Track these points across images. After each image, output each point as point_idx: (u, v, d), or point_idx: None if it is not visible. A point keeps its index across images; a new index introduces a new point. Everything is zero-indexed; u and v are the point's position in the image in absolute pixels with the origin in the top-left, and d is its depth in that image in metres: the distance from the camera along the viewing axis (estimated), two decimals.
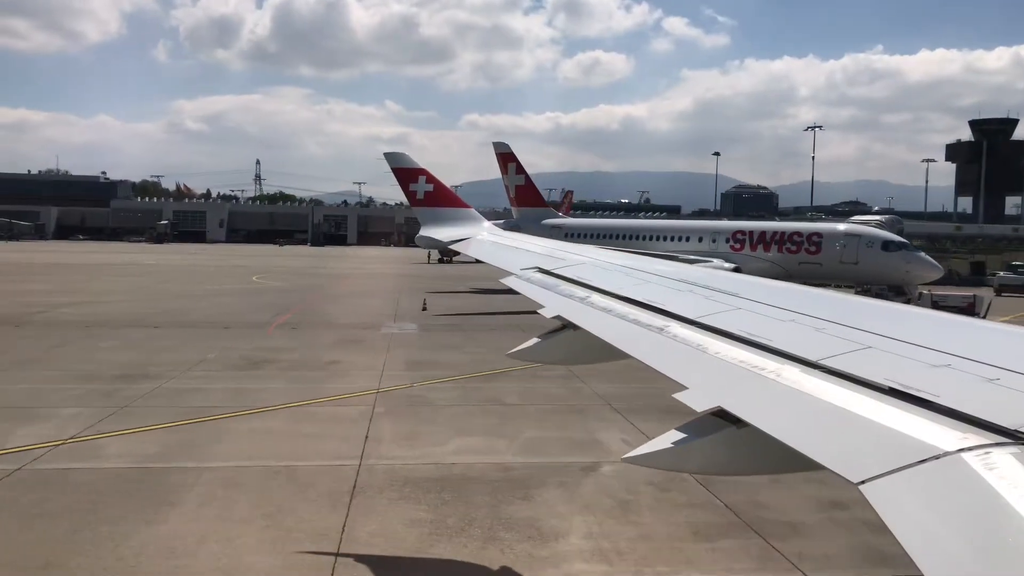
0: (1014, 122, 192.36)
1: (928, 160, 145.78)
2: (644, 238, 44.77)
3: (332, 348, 23.32)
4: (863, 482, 2.29)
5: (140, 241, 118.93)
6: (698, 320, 4.41)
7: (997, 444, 2.28)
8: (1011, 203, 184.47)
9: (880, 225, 43.89)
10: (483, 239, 9.73)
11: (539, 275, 6.91)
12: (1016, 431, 2.32)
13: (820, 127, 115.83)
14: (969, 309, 32.82)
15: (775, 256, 39.06)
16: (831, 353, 3.39)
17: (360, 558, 8.66)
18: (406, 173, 12.60)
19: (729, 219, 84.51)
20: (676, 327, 4.41)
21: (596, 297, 5.65)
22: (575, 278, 6.40)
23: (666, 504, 10.73)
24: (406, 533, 9.42)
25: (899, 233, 43.16)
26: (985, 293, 40.88)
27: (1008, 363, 2.93)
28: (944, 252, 75.01)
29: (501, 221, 58.20)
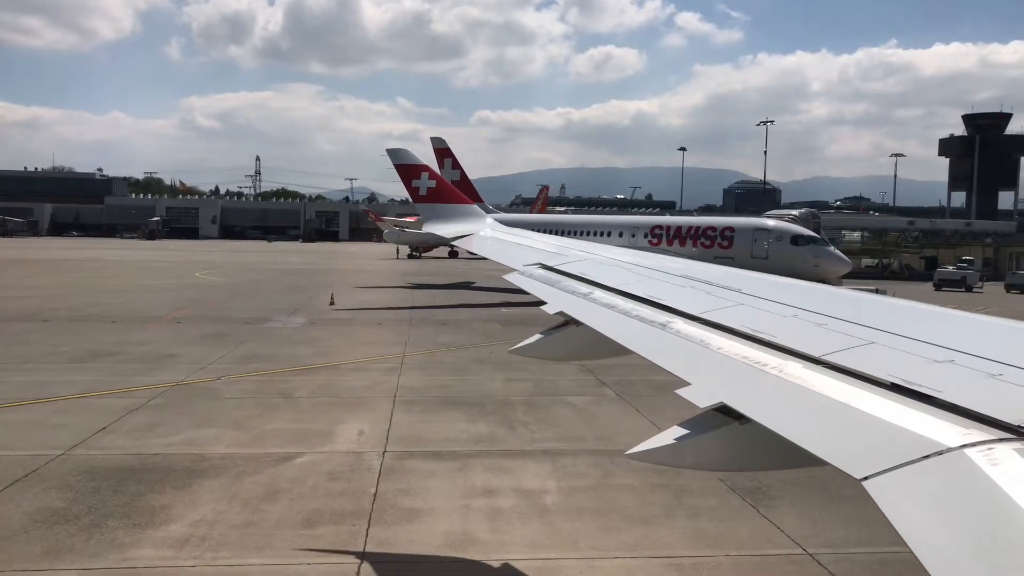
0: (1007, 116, 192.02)
1: (896, 155, 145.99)
2: (568, 234, 45.19)
3: (190, 342, 23.24)
4: (866, 478, 2.28)
5: (133, 237, 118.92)
6: (701, 316, 4.40)
7: (1000, 440, 2.28)
8: (1009, 198, 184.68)
9: (795, 220, 43.92)
10: (485, 235, 9.72)
11: (542, 271, 6.91)
12: (1019, 427, 2.31)
13: (772, 121, 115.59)
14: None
15: (690, 251, 39.25)
16: (834, 349, 3.39)
17: None
18: (409, 169, 12.62)
19: (678, 214, 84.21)
20: (679, 323, 4.41)
21: (599, 293, 5.65)
22: (578, 274, 6.40)
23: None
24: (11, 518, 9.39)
25: (815, 228, 43.21)
26: (907, 286, 41.32)
27: (1011, 359, 2.92)
28: (893, 247, 74.93)
29: None
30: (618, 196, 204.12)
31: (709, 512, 10.24)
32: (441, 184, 12.03)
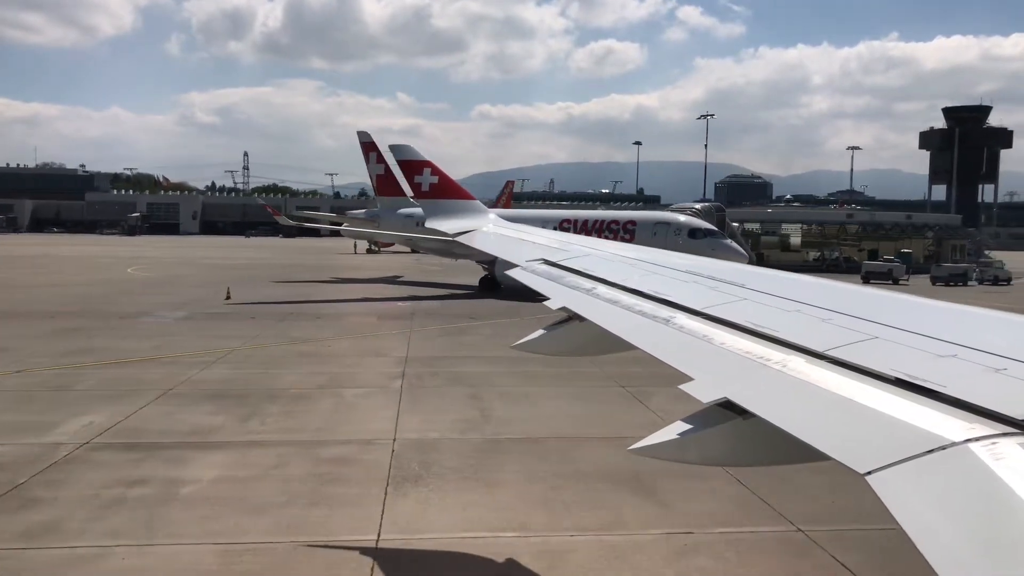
0: (987, 109, 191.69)
1: (853, 148, 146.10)
2: None
3: (35, 336, 23.41)
4: (869, 473, 2.28)
5: (113, 234, 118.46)
6: (704, 311, 4.40)
7: (1004, 434, 2.27)
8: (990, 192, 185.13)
9: (697, 213, 44.01)
10: (488, 231, 9.72)
11: (544, 267, 6.90)
12: (1023, 421, 2.31)
13: (712, 115, 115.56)
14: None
15: None
16: (837, 344, 3.38)
17: None
18: (411, 165, 12.61)
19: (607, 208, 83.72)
20: (682, 318, 4.41)
21: (602, 288, 5.65)
22: (581, 269, 6.39)
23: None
24: None
25: (719, 221, 43.27)
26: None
27: (1015, 353, 2.92)
28: (833, 240, 74.72)
29: (363, 211, 57.98)
30: (603, 191, 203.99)
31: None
32: (444, 180, 11.99)
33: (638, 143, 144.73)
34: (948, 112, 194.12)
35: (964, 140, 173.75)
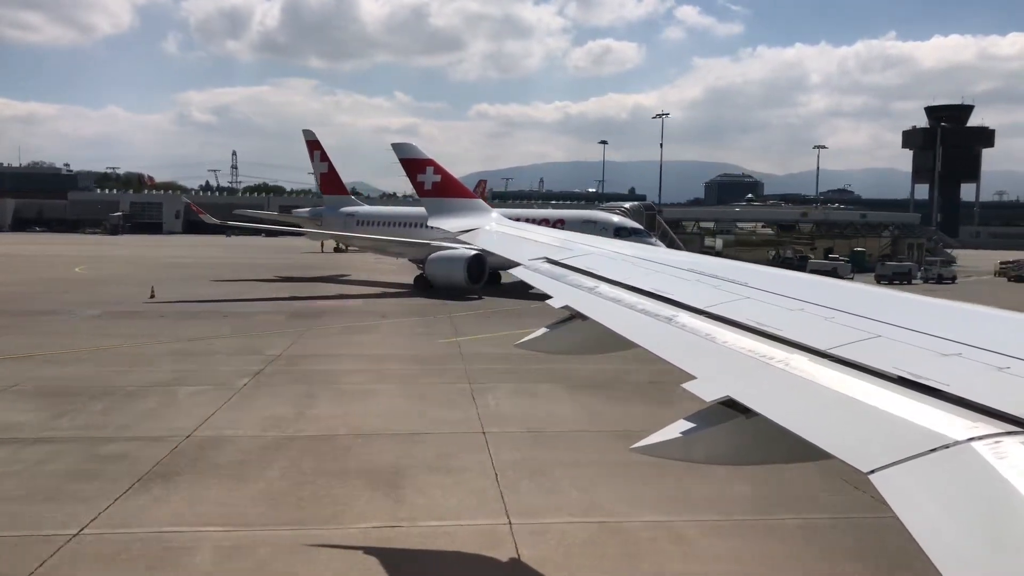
0: (969, 109, 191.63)
1: (819, 147, 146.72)
2: (410, 225, 45.19)
3: None
4: (873, 471, 2.28)
5: (96, 232, 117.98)
6: (706, 310, 4.40)
7: (1007, 433, 2.27)
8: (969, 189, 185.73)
9: (626, 212, 43.85)
10: (491, 230, 9.72)
11: (547, 265, 6.90)
12: None
13: (667, 114, 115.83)
14: None
15: None
16: (840, 342, 3.38)
17: None
18: (414, 164, 12.60)
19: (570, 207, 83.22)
20: (684, 317, 4.41)
21: (604, 287, 5.65)
22: (583, 268, 6.39)
23: None
24: None
25: (650, 220, 43.26)
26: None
27: (1019, 352, 2.92)
28: (787, 238, 74.76)
29: (306, 209, 57.67)
30: (589, 190, 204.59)
31: None
32: (446, 179, 11.96)
33: (604, 142, 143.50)
34: (930, 111, 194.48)
35: (946, 139, 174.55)
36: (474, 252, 36.66)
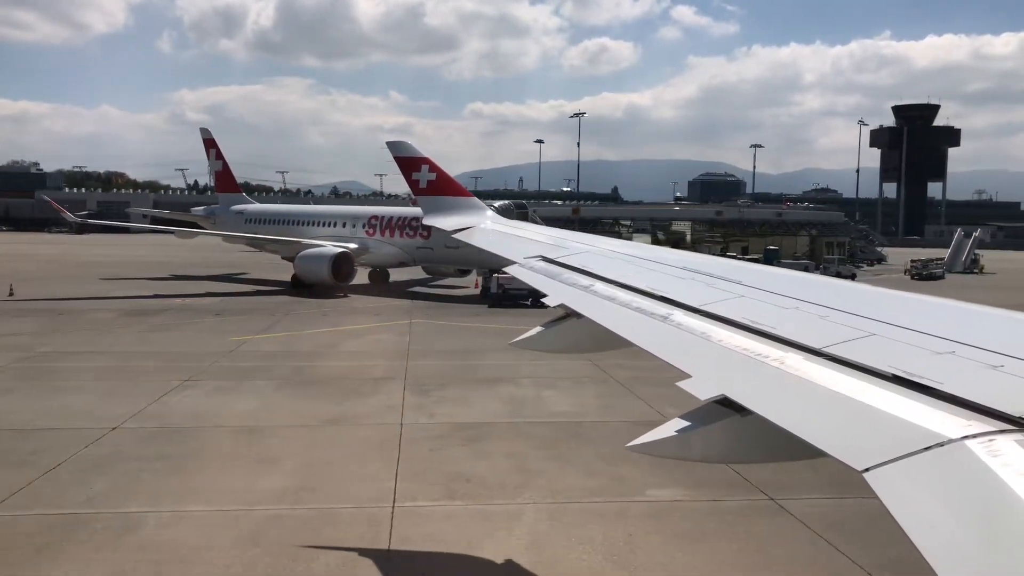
0: (935, 108, 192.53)
1: (755, 146, 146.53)
2: (299, 223, 45.33)
3: None
4: (867, 470, 2.29)
5: (63, 231, 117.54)
6: (702, 308, 4.40)
7: (1001, 431, 2.28)
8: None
9: (496, 211, 43.51)
10: (486, 228, 9.72)
11: (543, 264, 6.90)
12: (1020, 418, 2.32)
13: (584, 113, 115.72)
14: (535, 291, 33.50)
15: (398, 241, 39.79)
16: (835, 341, 3.39)
17: None
18: (409, 162, 12.56)
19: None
20: (680, 315, 4.41)
21: (600, 285, 5.65)
22: (579, 266, 6.39)
23: None
24: None
25: (520, 218, 43.13)
26: None
27: (1012, 350, 2.93)
28: (700, 237, 75.18)
29: (202, 208, 57.35)
30: (564, 189, 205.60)
31: None
32: (442, 177, 11.94)
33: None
34: (897, 110, 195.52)
35: (913, 138, 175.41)
36: (340, 250, 36.92)
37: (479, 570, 8.63)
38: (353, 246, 38.90)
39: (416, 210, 44.73)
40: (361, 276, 41.41)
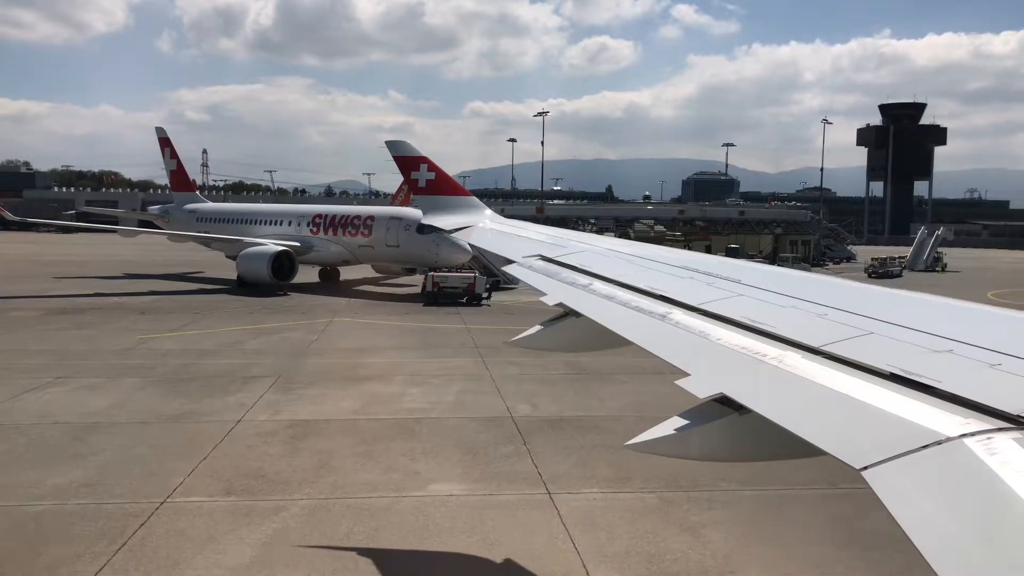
0: (922, 107, 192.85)
1: (727, 144, 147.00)
2: (248, 222, 45.52)
3: None
4: (865, 468, 2.29)
5: (51, 231, 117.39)
6: (700, 307, 4.40)
7: (999, 429, 2.28)
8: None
9: None
10: (485, 227, 9.71)
11: (541, 263, 6.90)
12: (1018, 416, 2.32)
13: (547, 112, 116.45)
14: (469, 290, 33.53)
15: (341, 239, 39.97)
16: (833, 339, 3.39)
17: None
18: (407, 161, 12.55)
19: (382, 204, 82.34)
20: (678, 314, 4.41)
21: (598, 284, 5.65)
22: (577, 265, 6.39)
23: None
24: None
25: None
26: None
27: (1010, 348, 2.93)
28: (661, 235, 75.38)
29: (158, 206, 57.43)
30: (555, 188, 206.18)
31: None
32: (440, 176, 11.92)
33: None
34: (884, 109, 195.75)
35: (899, 137, 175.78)
36: (280, 249, 37.01)
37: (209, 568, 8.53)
38: (296, 244, 39.05)
39: (358, 208, 44.93)
40: (312, 275, 41.55)
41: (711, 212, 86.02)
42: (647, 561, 8.82)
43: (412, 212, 40.83)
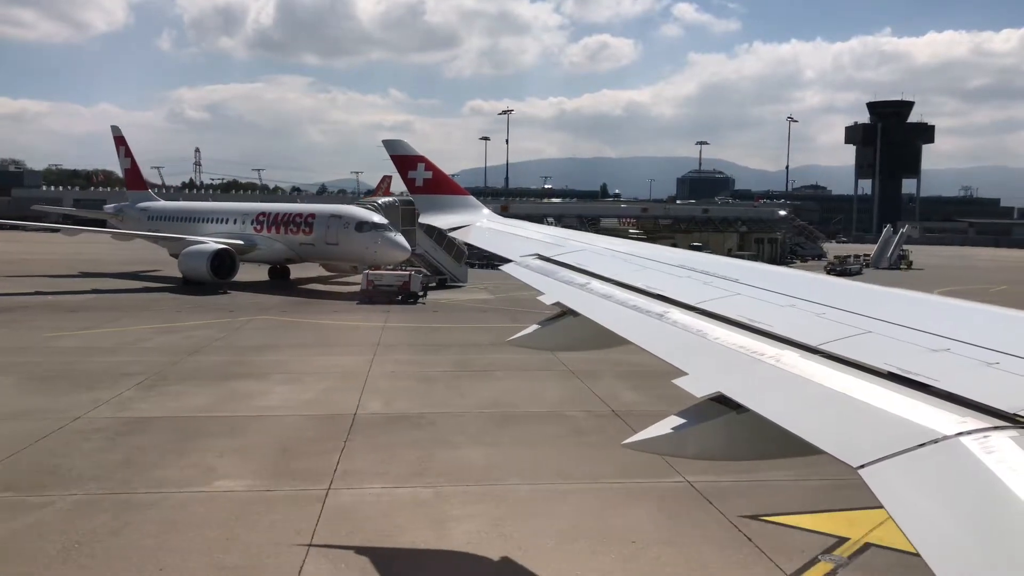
0: (909, 105, 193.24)
1: (701, 142, 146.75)
2: (195, 220, 45.64)
3: None
4: (862, 466, 2.29)
5: (39, 231, 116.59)
6: (697, 306, 4.40)
7: (996, 428, 2.28)
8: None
9: (378, 208, 42.82)
10: (482, 226, 9.70)
11: (538, 262, 6.89)
12: (1015, 415, 2.32)
13: (511, 111, 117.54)
14: (404, 288, 33.50)
15: (283, 237, 40.02)
16: (830, 338, 3.39)
17: None
18: (405, 160, 12.54)
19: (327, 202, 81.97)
20: (676, 313, 4.41)
21: (596, 283, 5.65)
22: (575, 264, 6.39)
23: None
24: None
25: (409, 214, 42.04)
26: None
27: (1007, 347, 2.93)
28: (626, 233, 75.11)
29: (112, 205, 57.31)
30: (545, 187, 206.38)
31: None
32: (438, 175, 11.90)
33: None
34: (872, 107, 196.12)
35: (886, 135, 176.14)
36: (220, 247, 36.87)
37: None
38: (239, 243, 39.00)
39: (300, 207, 44.88)
40: (262, 273, 41.40)
41: (675, 210, 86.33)
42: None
43: (352, 210, 40.68)
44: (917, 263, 70.63)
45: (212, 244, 37.47)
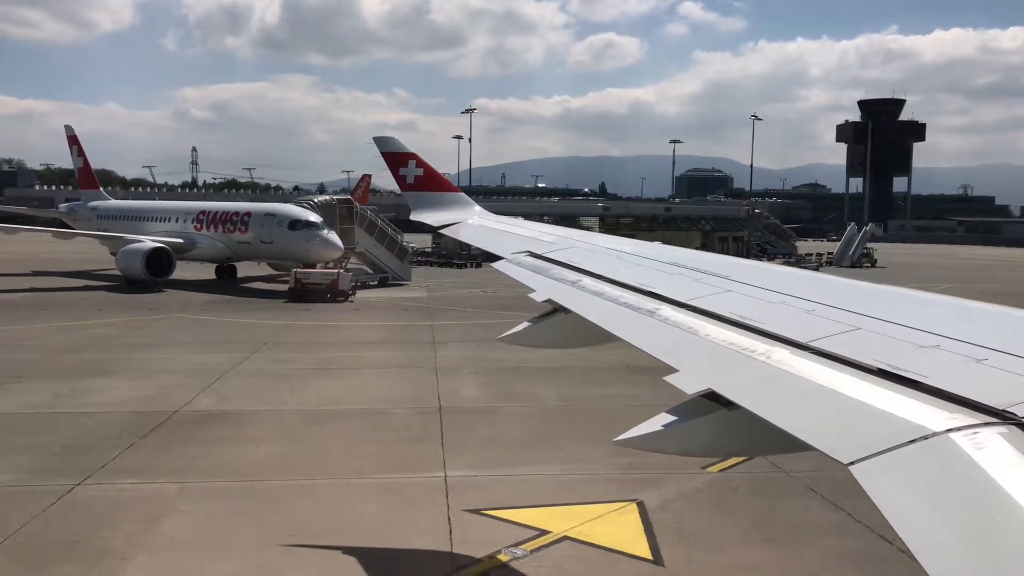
0: (901, 103, 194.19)
1: (675, 140, 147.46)
2: (141, 219, 45.79)
3: None
4: (852, 463, 2.29)
5: (33, 230, 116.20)
6: (689, 303, 4.40)
7: (985, 424, 2.29)
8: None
9: (314, 206, 42.55)
10: (473, 223, 9.69)
11: (530, 259, 6.88)
12: (1004, 411, 2.33)
13: (474, 109, 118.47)
14: (332, 287, 33.51)
15: (221, 236, 40.09)
16: (821, 335, 3.40)
17: None
18: (396, 157, 12.49)
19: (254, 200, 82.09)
20: (667, 310, 4.41)
21: (587, 280, 5.64)
22: (566, 261, 6.38)
23: None
24: None
25: (347, 212, 41.58)
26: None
27: (997, 343, 2.94)
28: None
29: (66, 204, 57.31)
30: (539, 185, 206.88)
31: None
32: (429, 172, 11.87)
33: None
34: (863, 105, 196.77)
35: (878, 133, 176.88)
36: (156, 246, 36.79)
37: None
38: (179, 241, 38.92)
39: (237, 205, 44.76)
40: (208, 272, 41.11)
41: (635, 209, 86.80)
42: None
43: (286, 208, 40.49)
44: (883, 261, 69.93)
45: (148, 243, 37.35)
